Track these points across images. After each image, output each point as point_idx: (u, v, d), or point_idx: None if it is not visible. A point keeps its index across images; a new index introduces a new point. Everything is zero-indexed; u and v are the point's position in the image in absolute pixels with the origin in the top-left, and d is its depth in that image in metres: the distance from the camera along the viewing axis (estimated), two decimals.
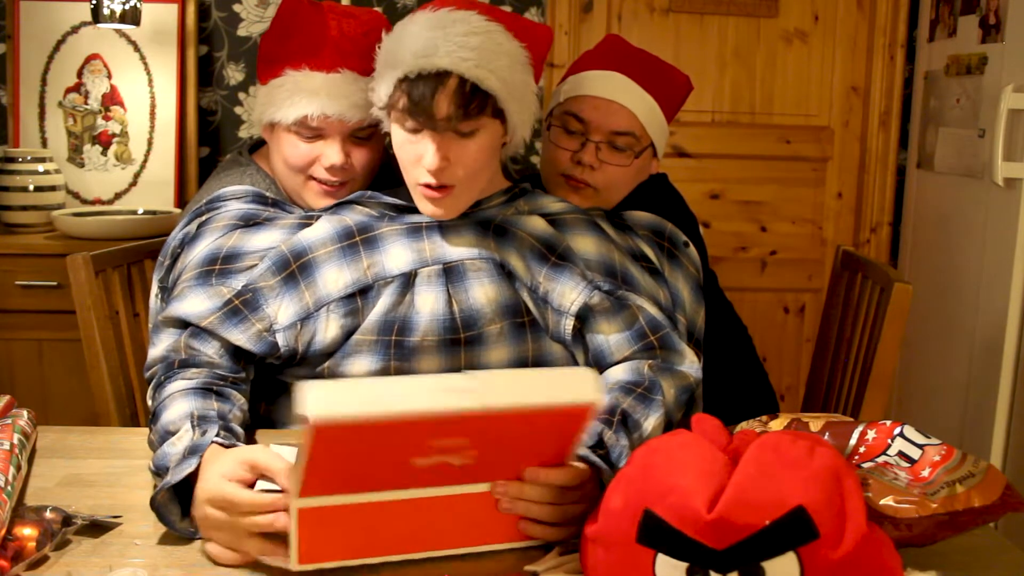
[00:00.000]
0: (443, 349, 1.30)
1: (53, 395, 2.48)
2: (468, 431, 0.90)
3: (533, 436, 0.95)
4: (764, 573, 0.78)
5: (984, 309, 2.51)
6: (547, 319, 1.34)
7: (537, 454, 0.98)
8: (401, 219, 1.37)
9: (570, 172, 1.59)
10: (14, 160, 2.60)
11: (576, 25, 2.93)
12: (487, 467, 0.96)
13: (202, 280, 1.31)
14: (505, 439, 0.93)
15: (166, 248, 1.41)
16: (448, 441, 0.90)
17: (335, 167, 1.46)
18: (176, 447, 1.09)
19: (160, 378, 1.24)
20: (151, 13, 2.74)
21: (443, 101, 1.24)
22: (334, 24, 1.47)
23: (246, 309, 1.28)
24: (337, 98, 1.43)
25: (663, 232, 1.46)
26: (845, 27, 3.03)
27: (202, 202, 1.43)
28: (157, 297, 1.40)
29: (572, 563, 0.96)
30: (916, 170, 2.97)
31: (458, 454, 0.92)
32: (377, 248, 1.33)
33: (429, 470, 0.93)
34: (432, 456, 0.91)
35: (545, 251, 1.35)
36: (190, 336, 1.27)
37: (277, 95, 1.46)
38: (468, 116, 1.25)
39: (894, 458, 1.00)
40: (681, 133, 3.01)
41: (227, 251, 1.33)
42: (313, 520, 0.93)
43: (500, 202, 1.40)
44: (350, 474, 0.92)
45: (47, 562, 0.96)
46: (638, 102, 1.60)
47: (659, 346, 1.33)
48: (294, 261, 1.31)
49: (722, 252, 3.05)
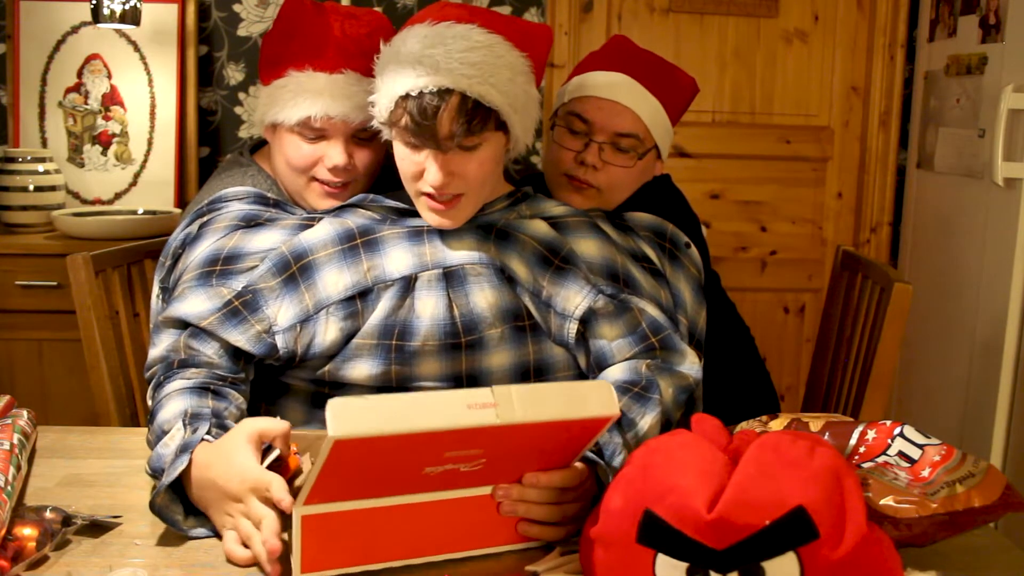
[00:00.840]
0: (444, 353, 1.30)
1: (53, 395, 2.48)
2: (484, 443, 0.91)
3: (545, 446, 0.97)
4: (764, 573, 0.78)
5: (984, 309, 2.51)
6: (550, 323, 1.33)
7: (544, 461, 0.99)
8: (403, 222, 1.37)
9: (573, 172, 1.59)
10: (14, 160, 2.60)
11: (576, 25, 2.93)
12: (493, 472, 0.97)
13: (203, 281, 1.31)
14: (517, 449, 0.95)
15: (167, 249, 1.41)
16: (463, 452, 0.91)
17: (338, 168, 1.46)
18: (168, 447, 1.10)
19: (159, 378, 1.24)
20: (151, 13, 2.74)
21: (446, 119, 1.24)
22: (337, 25, 1.46)
23: (246, 310, 1.28)
24: (340, 99, 1.43)
25: (664, 233, 1.46)
26: (845, 27, 3.03)
27: (203, 203, 1.43)
28: (158, 298, 1.40)
29: (572, 563, 0.97)
30: (916, 170, 2.97)
31: (469, 462, 0.93)
32: (378, 251, 1.33)
33: (437, 476, 0.93)
34: (444, 464, 0.92)
35: (548, 255, 1.35)
36: (190, 336, 1.27)
37: (280, 96, 1.46)
38: (471, 132, 1.25)
39: (894, 458, 1.00)
40: (681, 133, 3.00)
41: (228, 252, 1.33)
42: (316, 527, 0.93)
43: (502, 207, 1.40)
44: (357, 482, 0.92)
45: (47, 562, 0.96)
46: (642, 104, 1.60)
47: (660, 347, 1.33)
48: (295, 263, 1.31)
49: (722, 252, 3.05)
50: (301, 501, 0.91)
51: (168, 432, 1.12)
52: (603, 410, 0.93)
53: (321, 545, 0.93)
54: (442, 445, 0.89)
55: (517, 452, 0.95)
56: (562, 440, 0.97)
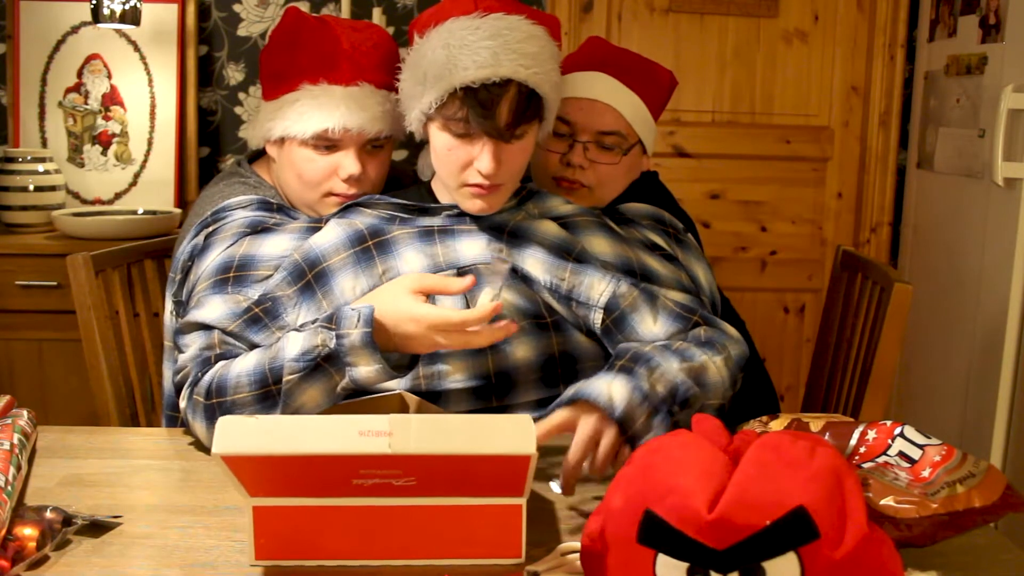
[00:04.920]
0: (467, 353, 1.29)
1: (53, 395, 2.48)
2: (395, 465, 0.90)
3: (468, 472, 0.93)
4: (764, 573, 0.78)
5: (984, 309, 2.51)
6: (575, 314, 1.34)
7: (479, 486, 0.96)
8: (412, 222, 1.37)
9: (561, 174, 1.59)
10: (14, 160, 2.60)
11: (576, 25, 2.93)
12: (427, 488, 0.95)
13: (218, 288, 1.31)
14: (438, 473, 0.92)
15: (175, 263, 1.40)
16: (379, 471, 0.90)
17: (353, 177, 1.45)
18: (300, 335, 1.18)
19: (197, 375, 1.24)
20: (151, 13, 2.74)
21: (505, 109, 1.27)
22: (344, 38, 1.46)
23: (266, 317, 1.28)
24: (357, 111, 1.43)
25: (663, 219, 1.49)
26: (845, 27, 3.03)
27: (207, 214, 1.42)
28: (172, 313, 1.40)
29: (572, 563, 0.96)
30: (916, 170, 2.98)
31: (396, 479, 0.92)
32: (391, 253, 1.33)
33: (369, 487, 0.93)
34: (369, 479, 0.92)
35: (563, 253, 1.36)
36: (222, 334, 1.27)
37: (290, 110, 1.45)
38: (524, 121, 1.29)
39: (894, 458, 1.00)
40: (681, 133, 3.01)
41: (240, 259, 1.33)
42: (267, 518, 0.95)
43: (511, 205, 1.41)
44: (290, 483, 0.93)
45: (47, 562, 0.96)
46: (622, 101, 1.60)
47: (703, 323, 1.34)
48: (309, 271, 1.31)
49: (722, 252, 3.05)
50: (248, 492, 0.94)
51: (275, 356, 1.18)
52: (515, 447, 0.87)
53: (273, 535, 0.96)
54: (348, 466, 0.89)
55: (441, 477, 0.93)
56: (484, 472, 0.92)
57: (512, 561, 0.97)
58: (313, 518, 0.96)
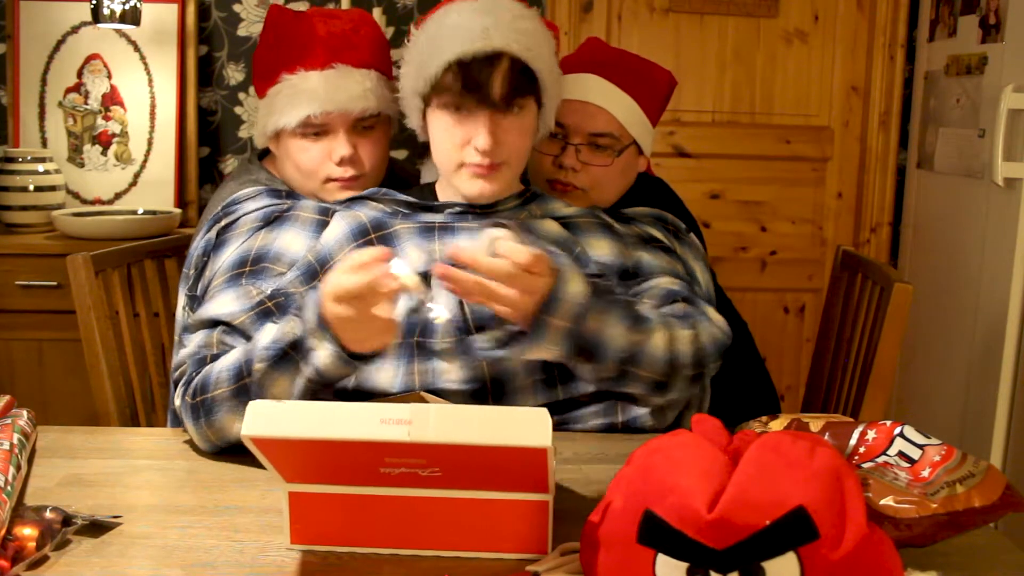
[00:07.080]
0: (463, 354, 1.29)
1: (53, 395, 2.48)
2: (418, 454, 0.91)
3: (489, 464, 0.94)
4: (764, 573, 0.78)
5: (984, 309, 2.51)
6: None
7: (503, 479, 0.97)
8: (414, 217, 1.38)
9: (554, 176, 1.59)
10: (14, 160, 2.60)
11: (576, 25, 2.93)
12: (452, 480, 0.96)
13: (233, 282, 1.32)
14: (463, 466, 0.94)
15: (189, 260, 1.41)
16: (404, 459, 0.92)
17: (345, 158, 1.48)
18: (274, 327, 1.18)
19: (191, 374, 1.25)
20: (151, 13, 2.74)
21: (498, 80, 1.29)
22: (320, 25, 1.51)
23: (278, 312, 1.28)
24: (334, 92, 1.46)
25: (665, 219, 1.51)
26: (845, 27, 3.03)
27: (218, 208, 1.43)
28: (184, 308, 1.40)
29: (572, 563, 0.96)
30: (916, 170, 2.98)
31: (421, 468, 0.94)
32: (392, 247, 1.33)
33: (396, 476, 0.95)
34: (396, 468, 0.94)
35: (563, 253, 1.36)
36: (223, 333, 1.28)
37: (277, 102, 1.49)
38: (518, 94, 1.31)
39: (894, 458, 1.00)
40: (681, 133, 3.01)
41: (256, 253, 1.34)
42: (303, 504, 0.98)
43: (513, 205, 1.41)
44: (323, 469, 0.96)
45: (47, 562, 0.96)
46: (614, 102, 1.60)
47: (685, 302, 1.36)
48: (320, 269, 1.32)
49: (722, 252, 3.05)
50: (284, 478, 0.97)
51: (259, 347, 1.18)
52: (532, 440, 0.88)
53: (309, 520, 0.99)
54: (373, 453, 0.91)
55: (465, 468, 0.94)
56: (504, 463, 0.93)
57: (536, 556, 0.99)
58: (344, 506, 0.98)
